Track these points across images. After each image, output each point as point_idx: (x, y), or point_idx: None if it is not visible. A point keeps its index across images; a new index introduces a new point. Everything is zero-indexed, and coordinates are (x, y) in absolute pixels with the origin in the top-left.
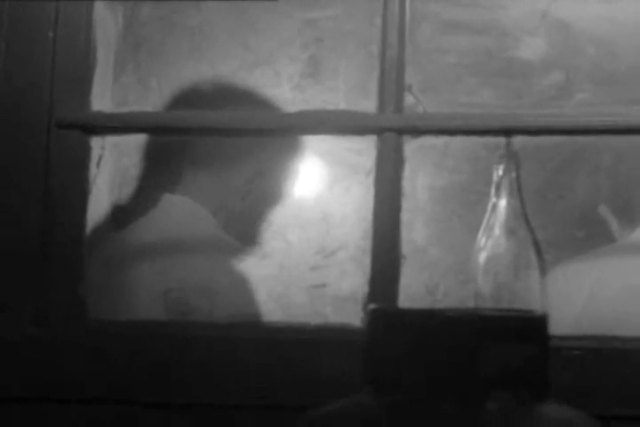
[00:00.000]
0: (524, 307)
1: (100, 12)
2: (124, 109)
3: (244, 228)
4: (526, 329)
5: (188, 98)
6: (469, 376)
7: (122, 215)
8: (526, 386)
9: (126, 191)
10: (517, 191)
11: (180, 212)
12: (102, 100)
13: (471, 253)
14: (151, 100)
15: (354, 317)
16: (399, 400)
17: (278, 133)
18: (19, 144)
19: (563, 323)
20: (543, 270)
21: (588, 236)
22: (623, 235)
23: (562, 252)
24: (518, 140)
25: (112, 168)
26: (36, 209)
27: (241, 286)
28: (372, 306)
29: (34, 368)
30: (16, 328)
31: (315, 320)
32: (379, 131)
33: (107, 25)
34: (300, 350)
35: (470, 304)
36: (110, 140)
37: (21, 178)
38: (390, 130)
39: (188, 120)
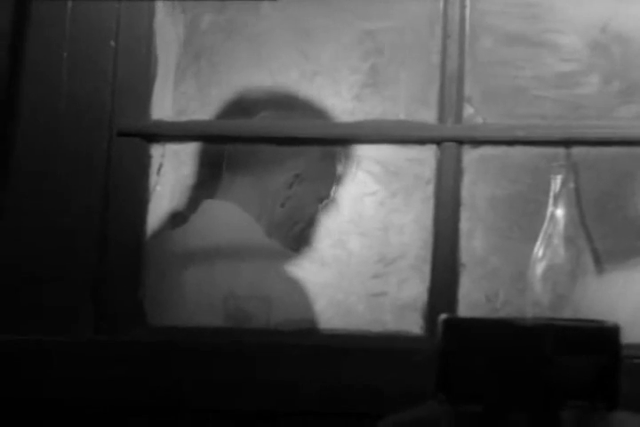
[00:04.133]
0: (581, 316)
1: (161, 22)
2: (184, 118)
3: (287, 233)
4: (600, 339)
5: (245, 105)
6: (544, 386)
7: (180, 222)
8: (600, 395)
9: (185, 199)
10: (576, 201)
11: (224, 217)
12: (163, 108)
13: (530, 262)
14: (211, 108)
15: (414, 324)
16: (474, 410)
17: (338, 143)
18: (80, 152)
19: None
20: (602, 279)
21: None
22: None
23: (621, 262)
24: (577, 151)
25: (172, 176)
26: (96, 217)
27: (297, 291)
28: (443, 316)
29: (96, 373)
30: (78, 334)
31: (374, 328)
32: (438, 141)
33: (167, 34)
34: (360, 357)
35: (529, 313)
36: (170, 148)
37: (82, 186)
38: (450, 140)
39: (247, 128)
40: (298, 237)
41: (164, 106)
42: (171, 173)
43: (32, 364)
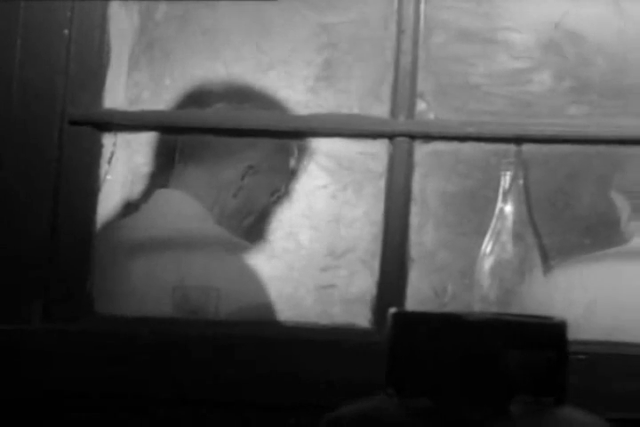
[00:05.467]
0: (528, 311)
1: (115, 11)
2: (137, 107)
3: (239, 224)
4: (547, 335)
5: (200, 97)
6: (492, 380)
7: (132, 212)
8: (547, 390)
9: (137, 188)
10: (525, 198)
11: (175, 207)
12: (115, 97)
13: (478, 257)
14: (164, 98)
15: (362, 318)
16: (422, 403)
17: (291, 135)
18: (32, 140)
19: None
20: (549, 276)
21: (595, 243)
22: (630, 227)
23: (568, 259)
24: (528, 148)
25: (124, 165)
26: (46, 205)
27: (246, 283)
28: (393, 310)
29: (42, 361)
30: (25, 322)
31: (323, 321)
32: (391, 135)
33: (121, 23)
34: (307, 349)
35: (476, 308)
36: (122, 137)
37: (33, 173)
38: (402, 135)
39: (200, 119)
40: (250, 228)
41: (117, 95)
42: (122, 163)
43: None
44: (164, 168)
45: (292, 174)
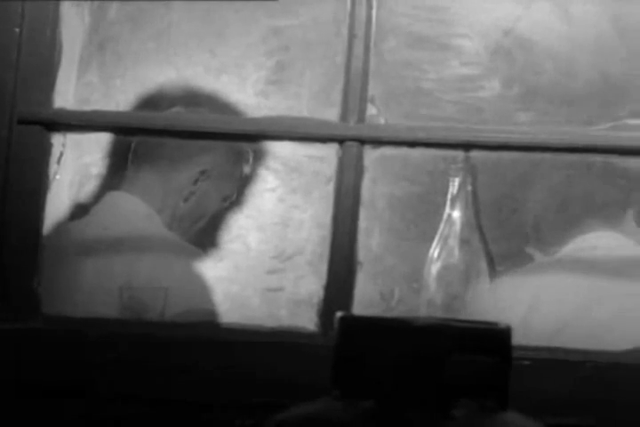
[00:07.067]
0: (474, 316)
1: (67, 10)
2: (87, 108)
3: (190, 228)
4: (491, 340)
5: (152, 99)
6: (436, 384)
7: (82, 213)
8: (490, 395)
9: (86, 189)
10: (472, 204)
11: (125, 209)
12: (65, 97)
13: (425, 262)
14: (115, 99)
15: (308, 321)
16: (367, 406)
17: (242, 138)
18: None
19: None
20: (494, 281)
21: (539, 249)
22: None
23: (514, 264)
24: (476, 154)
25: (73, 166)
26: None
27: (194, 284)
28: (340, 314)
29: None
30: None
31: (269, 323)
32: (341, 139)
33: (73, 23)
34: (253, 351)
35: (423, 312)
36: (71, 137)
37: None
38: (352, 139)
39: (151, 121)
40: (200, 233)
41: (67, 95)
42: (72, 163)
43: None
44: (117, 170)
45: (245, 181)
